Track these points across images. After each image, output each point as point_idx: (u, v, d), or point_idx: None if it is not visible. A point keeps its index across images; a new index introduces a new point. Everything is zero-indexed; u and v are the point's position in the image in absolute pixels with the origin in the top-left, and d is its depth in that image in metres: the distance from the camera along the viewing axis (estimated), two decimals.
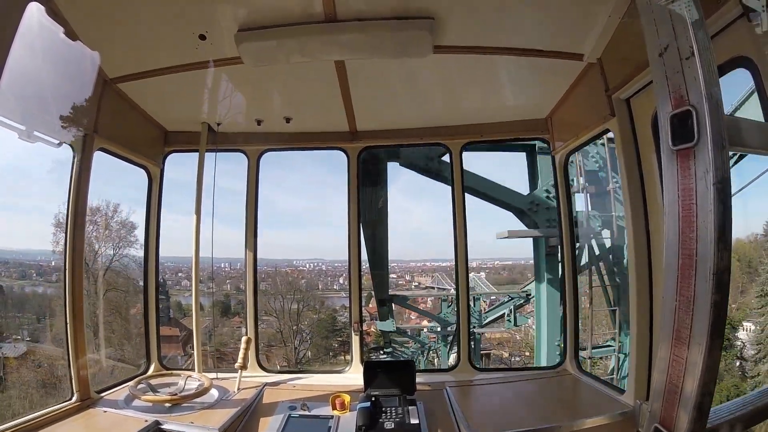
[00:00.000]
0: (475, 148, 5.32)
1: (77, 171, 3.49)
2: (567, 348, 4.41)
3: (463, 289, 4.65)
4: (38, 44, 3.15)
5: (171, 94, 4.00)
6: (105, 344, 19.45)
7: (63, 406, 3.31)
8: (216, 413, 3.39)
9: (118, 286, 25.22)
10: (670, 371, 1.83)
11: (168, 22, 3.07)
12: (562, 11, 3.00)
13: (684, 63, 1.75)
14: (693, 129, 1.70)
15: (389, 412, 3.33)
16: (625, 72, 3.09)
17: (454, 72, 3.78)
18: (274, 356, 30.69)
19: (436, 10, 2.96)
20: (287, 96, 4.19)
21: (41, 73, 3.39)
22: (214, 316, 18.66)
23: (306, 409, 3.50)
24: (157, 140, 4.54)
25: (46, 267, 27.00)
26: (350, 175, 4.69)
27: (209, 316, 27.09)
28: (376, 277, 12.23)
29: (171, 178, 4.68)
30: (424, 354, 19.77)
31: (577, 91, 3.83)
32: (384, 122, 4.65)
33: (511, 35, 3.29)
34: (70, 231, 3.46)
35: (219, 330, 26.92)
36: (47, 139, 3.28)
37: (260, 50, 3.17)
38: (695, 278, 1.71)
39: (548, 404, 3.82)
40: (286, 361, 30.71)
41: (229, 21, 3.04)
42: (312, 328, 33.02)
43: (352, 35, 3.08)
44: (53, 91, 3.42)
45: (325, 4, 2.88)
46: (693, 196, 1.71)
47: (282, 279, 37.21)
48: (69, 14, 2.84)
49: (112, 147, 3.82)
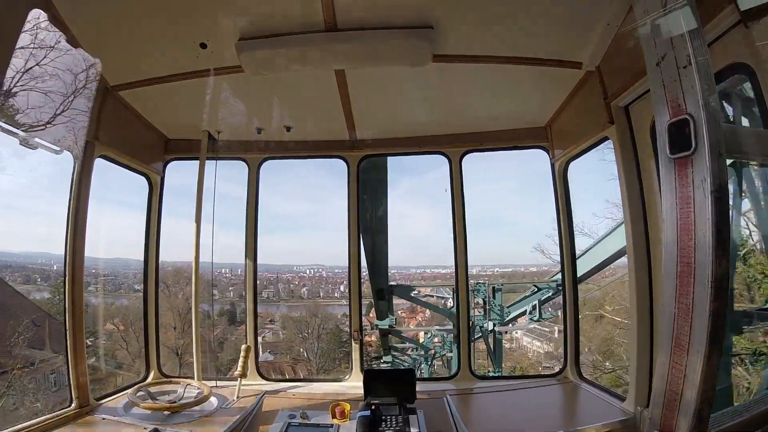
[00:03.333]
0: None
1: (78, 178, 3.48)
2: (567, 355, 4.39)
3: (463, 296, 4.65)
4: (40, 51, 3.19)
5: (172, 102, 4.02)
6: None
7: (62, 413, 3.29)
8: (215, 421, 3.38)
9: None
10: (670, 378, 1.83)
11: (169, 31, 3.10)
12: (561, 20, 3.03)
13: (681, 72, 1.77)
14: (690, 137, 1.71)
15: (389, 421, 3.31)
16: (624, 79, 3.10)
17: (454, 81, 3.80)
18: (300, 367, 30.39)
19: (436, 19, 2.99)
20: (287, 104, 4.21)
21: (42, 79, 3.42)
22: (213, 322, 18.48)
23: (305, 417, 3.48)
24: (157, 148, 4.55)
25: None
26: (350, 184, 4.69)
27: (219, 325, 26.72)
28: (375, 276, 11.68)
29: (177, 184, 4.68)
30: (428, 361, 19.04)
31: (576, 99, 3.85)
32: (384, 131, 4.66)
33: (510, 44, 3.31)
34: (70, 237, 3.46)
35: (229, 342, 26.01)
36: (48, 146, 3.30)
37: (261, 59, 3.19)
38: (694, 285, 1.72)
39: (549, 412, 3.80)
40: (308, 372, 30.41)
41: (230, 30, 3.06)
42: (328, 341, 32.60)
43: (352, 44, 3.11)
44: (54, 97, 3.45)
45: (326, 13, 2.90)
46: (691, 204, 1.72)
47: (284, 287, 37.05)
48: (70, 21, 2.86)
49: (113, 154, 3.83)
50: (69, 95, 3.53)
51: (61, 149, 3.43)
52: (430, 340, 18.61)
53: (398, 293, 14.46)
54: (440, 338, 17.95)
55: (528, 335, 22.73)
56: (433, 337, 18.41)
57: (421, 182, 41.94)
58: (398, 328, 17.46)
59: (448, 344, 17.46)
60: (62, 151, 3.43)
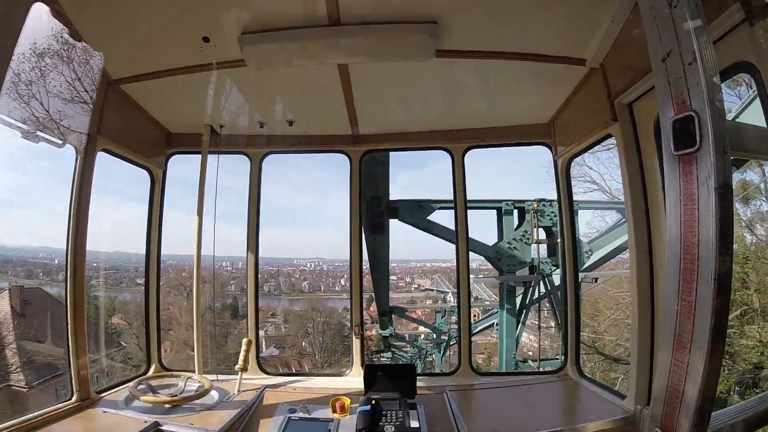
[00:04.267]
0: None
1: (80, 171, 3.49)
2: (568, 353, 4.39)
3: (464, 293, 4.65)
4: (43, 45, 3.18)
5: (174, 96, 4.01)
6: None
7: (63, 406, 3.30)
8: (216, 415, 3.39)
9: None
10: (671, 376, 1.82)
11: (172, 25, 3.09)
12: (565, 17, 3.02)
13: (687, 69, 1.76)
14: (695, 134, 1.70)
15: (389, 416, 3.32)
16: (628, 77, 3.09)
17: (457, 76, 3.79)
18: (305, 361, 30.49)
19: (439, 14, 2.98)
20: (290, 99, 4.21)
21: (45, 73, 3.41)
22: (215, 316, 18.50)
23: (306, 411, 3.50)
24: (159, 142, 4.55)
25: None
26: (352, 179, 4.69)
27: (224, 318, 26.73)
28: (377, 284, 12.21)
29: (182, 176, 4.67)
30: (422, 358, 19.60)
31: (580, 96, 3.84)
32: (386, 126, 4.66)
33: (513, 40, 3.30)
34: (72, 231, 3.46)
35: (233, 335, 25.78)
36: (51, 140, 3.30)
37: (263, 53, 3.19)
38: (697, 282, 1.71)
39: (549, 409, 3.81)
40: (314, 365, 30.53)
41: (233, 24, 3.05)
42: (332, 337, 32.68)
43: (355, 39, 3.10)
44: (57, 91, 3.44)
45: (329, 7, 2.89)
46: (695, 201, 1.71)
47: (285, 280, 37.18)
48: (73, 15, 2.85)
49: (115, 148, 3.83)
50: (71, 89, 3.52)
51: (64, 143, 3.42)
52: (423, 342, 19.64)
53: (397, 313, 16.63)
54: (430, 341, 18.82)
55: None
56: (449, 316, 18.50)
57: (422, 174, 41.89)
58: (402, 306, 19.55)
59: (435, 347, 18.45)
60: (64, 144, 3.43)
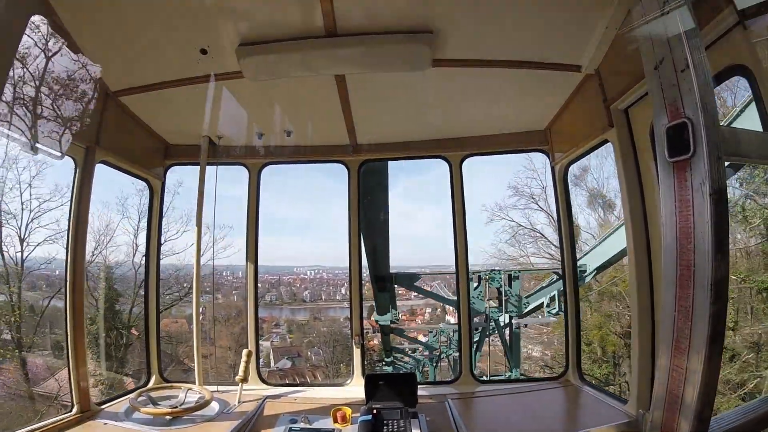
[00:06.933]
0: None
1: (79, 183, 3.51)
2: (569, 358, 4.38)
3: (464, 298, 4.65)
4: (41, 56, 3.20)
5: (172, 108, 4.03)
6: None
7: (63, 418, 3.29)
8: (217, 426, 3.38)
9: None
10: (671, 381, 1.83)
11: (170, 36, 3.12)
12: (560, 24, 3.04)
13: (679, 75, 1.78)
14: (689, 141, 1.72)
15: (391, 425, 3.30)
16: (624, 82, 3.11)
17: (453, 85, 3.81)
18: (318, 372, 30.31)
19: (435, 24, 3.00)
20: (288, 110, 4.22)
21: (44, 85, 3.43)
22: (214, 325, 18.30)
23: (307, 422, 3.48)
24: (158, 153, 4.57)
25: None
26: (351, 188, 4.70)
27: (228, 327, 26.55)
28: (375, 263, 10.60)
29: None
30: (419, 369, 18.96)
31: (576, 102, 3.86)
32: (384, 135, 4.68)
33: (509, 48, 3.33)
34: (71, 243, 3.47)
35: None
36: (50, 152, 3.30)
37: (261, 64, 3.21)
38: (693, 288, 1.72)
39: (551, 415, 3.80)
40: (326, 376, 30.35)
41: (231, 35, 3.08)
42: (341, 351, 32.48)
43: (352, 49, 3.13)
44: (55, 103, 3.46)
45: (326, 18, 2.91)
46: (690, 207, 1.73)
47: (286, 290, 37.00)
48: (71, 27, 2.88)
49: (114, 160, 3.84)
50: (70, 101, 3.54)
51: (62, 155, 3.43)
52: (436, 340, 17.74)
53: (400, 282, 12.94)
54: (446, 337, 17.18)
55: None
56: (439, 335, 17.45)
57: (422, 182, 41.99)
58: (401, 327, 17.04)
59: (429, 361, 17.15)
60: (63, 156, 3.44)
